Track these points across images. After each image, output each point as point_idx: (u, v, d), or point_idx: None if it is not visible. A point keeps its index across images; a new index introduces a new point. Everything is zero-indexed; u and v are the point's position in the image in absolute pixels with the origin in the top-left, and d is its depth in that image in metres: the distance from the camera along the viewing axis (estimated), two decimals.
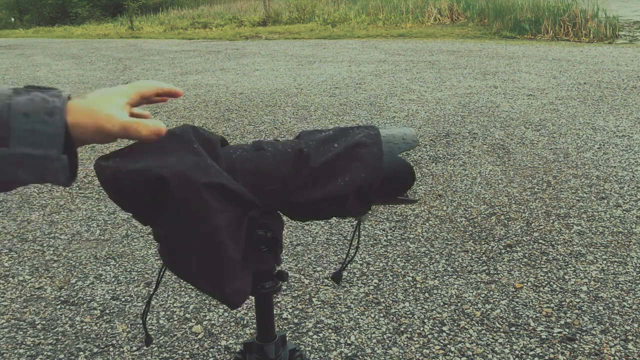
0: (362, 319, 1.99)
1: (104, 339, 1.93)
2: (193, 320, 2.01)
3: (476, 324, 1.93)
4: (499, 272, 2.25)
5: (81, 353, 1.86)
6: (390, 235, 2.60)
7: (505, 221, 2.69)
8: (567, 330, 1.87)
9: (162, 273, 0.73)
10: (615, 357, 1.73)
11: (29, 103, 0.50)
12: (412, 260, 2.37)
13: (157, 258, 2.48)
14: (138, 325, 2.00)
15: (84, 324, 2.03)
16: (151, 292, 0.68)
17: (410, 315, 1.99)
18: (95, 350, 1.87)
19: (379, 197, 0.69)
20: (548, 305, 2.02)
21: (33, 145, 0.49)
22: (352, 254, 0.71)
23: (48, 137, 0.50)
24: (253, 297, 0.79)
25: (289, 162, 0.67)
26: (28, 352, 1.88)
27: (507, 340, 1.84)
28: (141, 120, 0.56)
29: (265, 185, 0.67)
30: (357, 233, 0.78)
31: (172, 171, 0.59)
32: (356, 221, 0.74)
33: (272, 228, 0.70)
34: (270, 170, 0.67)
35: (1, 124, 0.48)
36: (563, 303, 2.02)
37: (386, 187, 0.67)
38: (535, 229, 2.60)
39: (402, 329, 1.92)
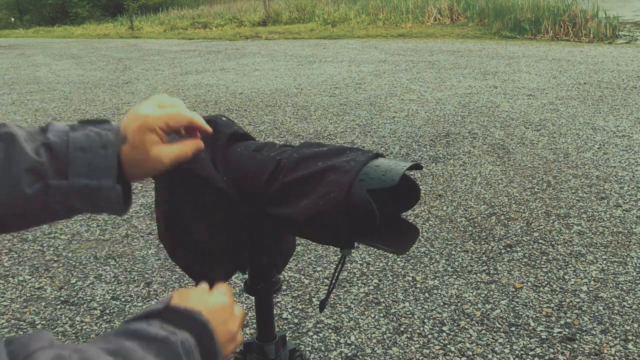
0: (362, 319, 1.99)
1: None
2: None
3: (476, 324, 1.92)
4: (499, 272, 2.25)
5: None
6: None
7: (505, 221, 2.69)
8: (567, 330, 1.87)
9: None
10: (615, 357, 1.73)
11: (85, 138, 0.54)
12: (412, 260, 2.37)
13: (157, 258, 2.48)
14: None
15: (84, 324, 2.03)
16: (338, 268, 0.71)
17: (410, 315, 1.99)
18: None
19: (349, 232, 0.60)
20: (548, 305, 2.02)
21: (89, 177, 0.53)
22: (330, 290, 0.68)
23: (103, 168, 0.54)
24: (253, 297, 0.79)
25: (268, 171, 0.65)
26: None
27: (507, 340, 1.84)
28: (185, 144, 0.60)
29: (245, 187, 0.67)
30: (338, 270, 0.68)
31: None
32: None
33: (248, 226, 0.70)
34: (251, 174, 0.67)
35: (61, 158, 0.52)
36: (563, 303, 2.02)
37: (350, 223, 0.59)
38: (535, 229, 2.59)
39: (402, 329, 1.92)
